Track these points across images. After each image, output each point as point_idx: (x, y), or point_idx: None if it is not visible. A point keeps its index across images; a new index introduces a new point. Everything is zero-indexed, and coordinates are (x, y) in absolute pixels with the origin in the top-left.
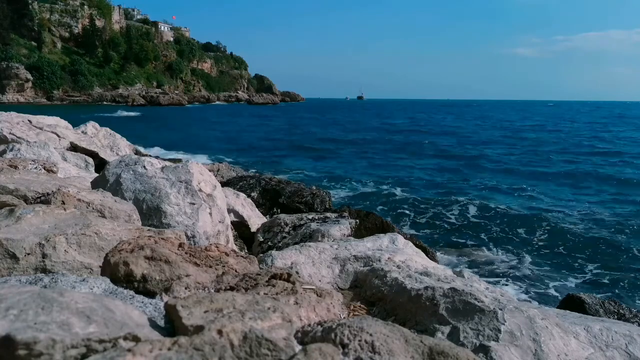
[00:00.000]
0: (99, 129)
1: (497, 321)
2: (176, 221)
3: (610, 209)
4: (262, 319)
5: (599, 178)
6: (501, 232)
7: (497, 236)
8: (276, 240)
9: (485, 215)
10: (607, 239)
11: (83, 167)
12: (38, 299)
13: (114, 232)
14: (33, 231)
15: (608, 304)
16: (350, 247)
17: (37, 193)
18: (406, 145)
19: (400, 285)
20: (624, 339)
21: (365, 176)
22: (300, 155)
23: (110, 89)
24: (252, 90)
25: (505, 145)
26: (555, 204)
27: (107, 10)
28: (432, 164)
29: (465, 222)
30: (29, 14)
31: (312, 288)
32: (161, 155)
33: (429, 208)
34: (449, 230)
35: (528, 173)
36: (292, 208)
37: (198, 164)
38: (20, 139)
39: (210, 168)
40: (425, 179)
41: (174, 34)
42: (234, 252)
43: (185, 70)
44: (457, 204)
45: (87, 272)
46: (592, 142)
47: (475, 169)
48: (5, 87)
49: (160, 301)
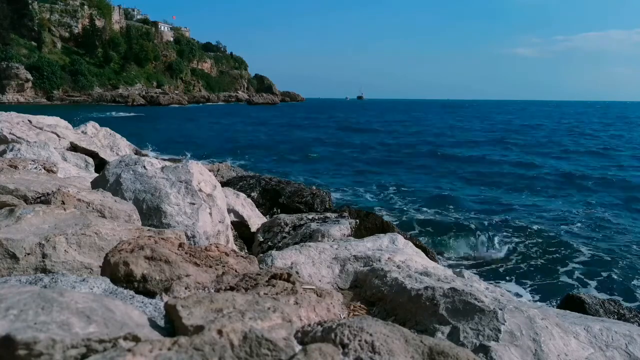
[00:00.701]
0: (99, 129)
1: (497, 321)
2: (176, 221)
3: (612, 209)
4: (262, 319)
5: (606, 182)
6: (501, 232)
7: (498, 236)
8: (276, 240)
9: (486, 215)
10: (607, 239)
11: (83, 167)
12: (38, 299)
13: (114, 232)
14: (33, 231)
15: (608, 304)
16: (350, 247)
17: (37, 193)
18: (405, 146)
19: (400, 285)
20: (624, 339)
21: (364, 176)
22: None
23: (110, 89)
24: (252, 90)
25: (496, 144)
26: (556, 204)
27: (107, 10)
28: (432, 164)
29: (465, 222)
30: (29, 14)
31: (312, 288)
32: (161, 155)
33: (429, 208)
34: (449, 230)
35: (529, 173)
36: (292, 208)
37: (198, 164)
38: (20, 139)
39: (210, 168)
40: (425, 178)
41: (174, 34)
42: (234, 252)
43: (185, 70)
44: (457, 204)
45: (87, 272)
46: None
47: (476, 169)
48: (5, 87)
49: (160, 301)
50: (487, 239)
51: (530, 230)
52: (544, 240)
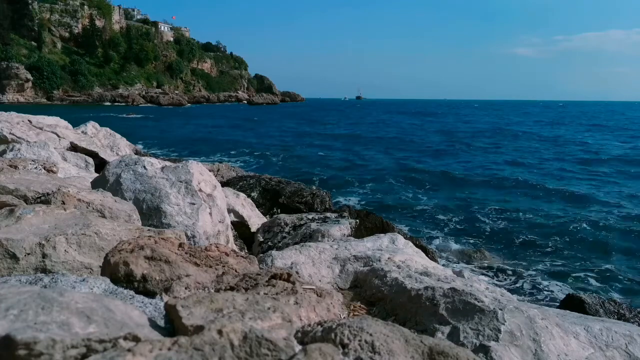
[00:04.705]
0: (99, 129)
1: (497, 321)
2: (176, 221)
3: (613, 209)
4: (262, 319)
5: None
6: (501, 232)
7: (498, 236)
8: (276, 240)
9: (486, 215)
10: (608, 239)
11: (83, 167)
12: (38, 299)
13: (114, 232)
14: (33, 231)
15: (608, 304)
16: (350, 247)
17: (37, 193)
18: (404, 143)
19: (400, 285)
20: (624, 339)
21: (364, 176)
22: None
23: (110, 89)
24: (252, 90)
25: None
26: (558, 205)
27: (107, 10)
28: (431, 164)
29: (466, 222)
30: (29, 14)
31: (312, 288)
32: (161, 155)
33: (429, 208)
34: (449, 230)
35: (529, 175)
36: (292, 208)
37: (198, 164)
38: (20, 139)
39: (210, 168)
40: (425, 178)
41: (174, 34)
42: (234, 252)
43: (185, 70)
44: (457, 204)
45: (87, 272)
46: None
47: (478, 170)
48: (5, 87)
49: (160, 301)
50: (488, 239)
51: (531, 230)
52: (544, 240)
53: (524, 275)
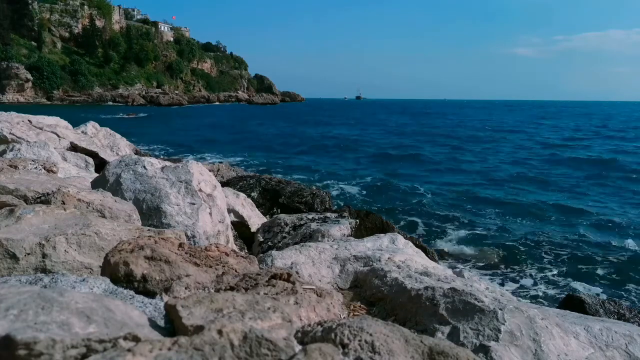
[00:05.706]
0: (99, 129)
1: (497, 321)
2: (176, 221)
3: (613, 209)
4: (262, 319)
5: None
6: (501, 232)
7: (498, 236)
8: (276, 240)
9: (486, 215)
10: (608, 238)
11: (83, 167)
12: (38, 299)
13: (114, 232)
14: (33, 231)
15: (608, 304)
16: (350, 247)
17: (37, 193)
18: (405, 146)
19: (400, 285)
20: (624, 339)
21: (363, 176)
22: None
23: (110, 89)
24: (252, 90)
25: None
26: (557, 205)
27: (107, 10)
28: (432, 164)
29: (466, 222)
30: (29, 14)
31: (312, 288)
32: (161, 155)
33: (428, 208)
34: (449, 230)
35: (531, 174)
36: (292, 208)
37: (198, 164)
38: (20, 139)
39: (210, 168)
40: (424, 179)
41: (174, 34)
42: (234, 252)
43: (185, 70)
44: (457, 204)
45: (87, 272)
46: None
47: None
48: (5, 87)
49: (160, 301)
50: (488, 239)
51: (531, 230)
52: (544, 239)
53: (524, 276)
